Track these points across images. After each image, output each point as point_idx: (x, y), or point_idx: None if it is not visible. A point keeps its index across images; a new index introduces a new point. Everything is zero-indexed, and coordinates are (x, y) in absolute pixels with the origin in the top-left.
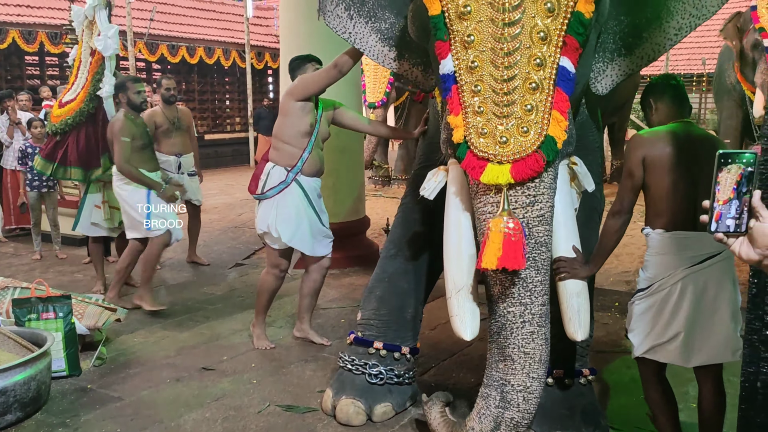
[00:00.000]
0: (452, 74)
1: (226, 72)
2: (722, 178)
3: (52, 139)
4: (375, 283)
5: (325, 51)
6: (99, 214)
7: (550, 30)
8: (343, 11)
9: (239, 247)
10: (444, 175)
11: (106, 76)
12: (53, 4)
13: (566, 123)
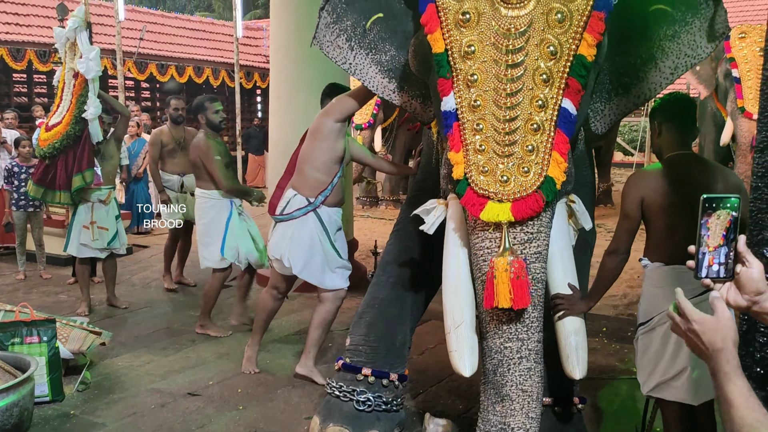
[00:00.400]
0: (454, 112)
1: (214, 91)
2: (712, 223)
3: (42, 163)
4: (365, 309)
5: (315, 73)
6: (87, 234)
7: (552, 72)
8: (344, 42)
9: None
10: (443, 209)
11: (90, 98)
12: (42, 23)
13: (566, 164)
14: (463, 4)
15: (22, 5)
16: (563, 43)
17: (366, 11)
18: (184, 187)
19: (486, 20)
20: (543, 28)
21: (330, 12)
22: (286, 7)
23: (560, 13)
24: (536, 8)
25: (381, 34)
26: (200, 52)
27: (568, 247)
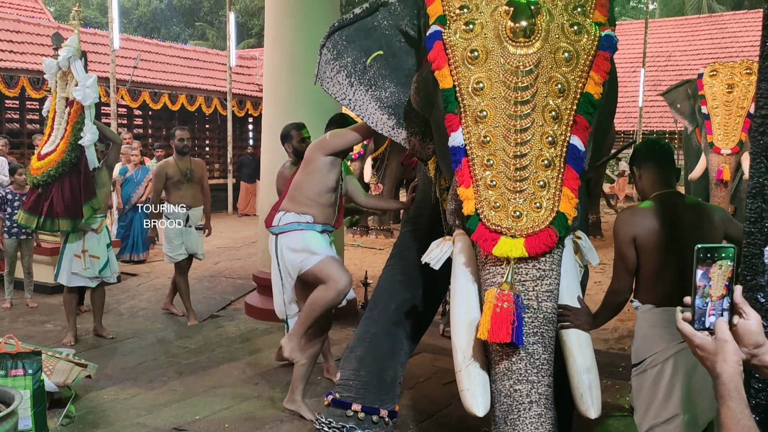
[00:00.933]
0: (463, 147)
1: (207, 119)
2: (713, 274)
3: (34, 191)
4: (356, 343)
5: (308, 103)
6: (78, 263)
7: (561, 109)
8: (344, 78)
9: (215, 298)
10: (450, 245)
11: (86, 125)
12: (36, 50)
13: (576, 200)
14: (471, 41)
15: (16, 33)
16: (571, 81)
17: (366, 48)
18: (189, 220)
19: (494, 58)
20: (551, 67)
21: (330, 49)
22: (280, 37)
23: (567, 52)
24: (544, 47)
25: (381, 71)
26: (193, 81)
27: (575, 282)
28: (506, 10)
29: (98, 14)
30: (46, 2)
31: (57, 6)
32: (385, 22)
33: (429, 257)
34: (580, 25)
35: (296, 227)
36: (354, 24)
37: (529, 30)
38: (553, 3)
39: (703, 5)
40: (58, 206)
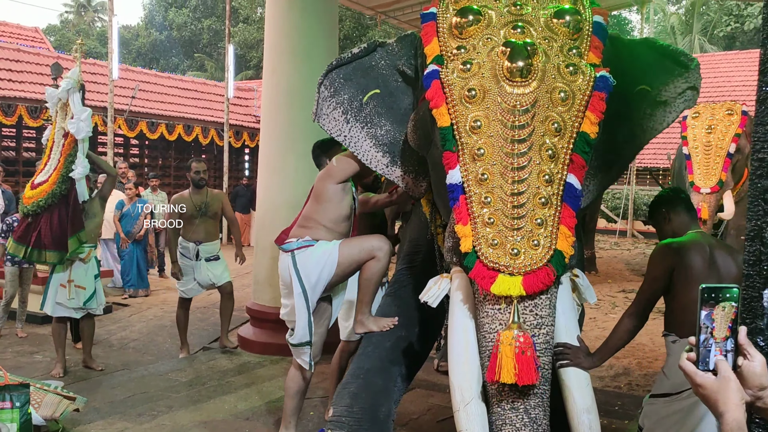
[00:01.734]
0: (460, 185)
1: (203, 149)
2: (717, 315)
3: (25, 220)
4: (350, 379)
5: (305, 136)
6: (63, 293)
7: (557, 148)
8: (341, 115)
9: (207, 329)
10: (447, 282)
11: (78, 158)
12: (35, 79)
13: (573, 238)
14: (469, 80)
15: (16, 62)
16: (567, 120)
17: (363, 87)
18: (200, 255)
19: (492, 97)
20: (547, 106)
21: (327, 86)
22: (279, 71)
23: (563, 92)
24: (540, 87)
25: (377, 109)
26: (191, 111)
27: (574, 321)
28: (503, 50)
29: (98, 45)
30: (46, 32)
31: (57, 36)
32: (382, 61)
33: (427, 296)
34: (575, 66)
35: (313, 243)
36: (352, 63)
37: (526, 70)
38: (549, 44)
39: (695, 45)
40: (46, 237)
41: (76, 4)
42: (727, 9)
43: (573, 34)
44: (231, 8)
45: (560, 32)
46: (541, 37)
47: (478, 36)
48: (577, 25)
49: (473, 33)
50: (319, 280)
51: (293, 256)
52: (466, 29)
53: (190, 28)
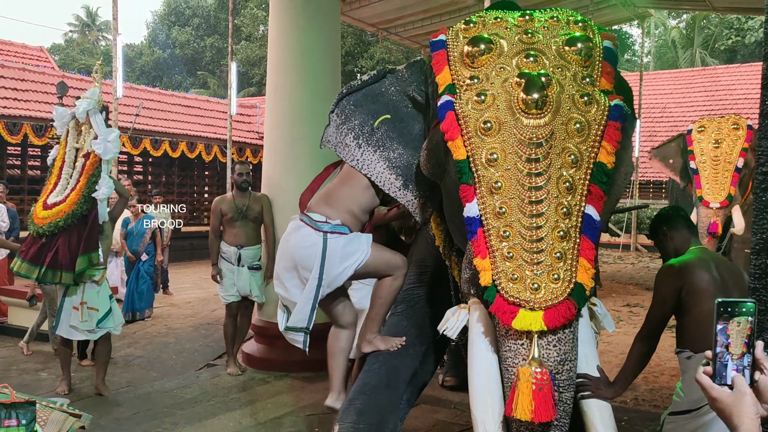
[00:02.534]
0: (478, 218)
1: (206, 166)
2: (732, 330)
3: (37, 241)
4: (356, 395)
5: (307, 152)
6: (76, 316)
7: (574, 180)
8: (352, 140)
9: (212, 346)
10: (466, 314)
11: (103, 178)
12: (40, 98)
13: (593, 270)
14: (484, 112)
15: (21, 81)
16: (583, 151)
17: (374, 112)
18: (242, 260)
19: (508, 129)
20: (563, 138)
21: (339, 114)
22: (281, 88)
23: (579, 123)
24: (556, 118)
25: (389, 134)
26: (194, 128)
27: (593, 351)
28: (518, 81)
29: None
30: (51, 51)
31: (62, 55)
32: (392, 88)
33: (445, 327)
34: (590, 96)
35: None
36: (362, 90)
37: (541, 102)
38: (562, 73)
39: (696, 59)
40: (63, 258)
41: (81, 23)
42: (728, 23)
43: (585, 61)
44: (234, 26)
45: (572, 60)
46: (554, 66)
47: (490, 65)
48: (589, 52)
49: (485, 62)
50: (340, 275)
51: (325, 239)
52: (478, 58)
53: (192, 46)
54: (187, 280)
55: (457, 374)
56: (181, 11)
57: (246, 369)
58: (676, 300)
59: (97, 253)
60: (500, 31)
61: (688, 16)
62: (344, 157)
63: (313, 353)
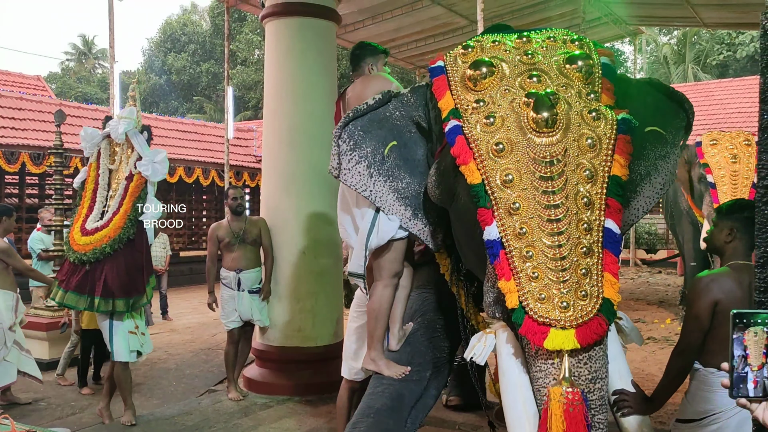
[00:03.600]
0: (499, 240)
1: (204, 190)
2: (749, 341)
3: (78, 268)
4: (359, 419)
5: (305, 174)
6: (136, 340)
7: (591, 195)
8: (365, 169)
9: (212, 371)
10: (492, 338)
11: (150, 200)
12: (38, 126)
13: (618, 285)
14: (494, 135)
15: (18, 110)
16: (597, 166)
17: (382, 139)
18: (242, 284)
19: (520, 149)
20: (576, 154)
21: (346, 140)
22: (279, 111)
23: (590, 138)
24: (567, 135)
25: (397, 162)
26: (191, 153)
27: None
28: (526, 101)
29: (99, 90)
30: (48, 79)
31: (59, 83)
32: (396, 112)
33: (472, 353)
34: (597, 111)
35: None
36: (367, 114)
37: (552, 120)
38: (567, 91)
39: (688, 74)
40: (114, 285)
41: (77, 52)
42: (719, 38)
43: (586, 78)
44: (229, 51)
45: (574, 78)
46: (558, 85)
47: (494, 88)
48: (590, 69)
49: (489, 85)
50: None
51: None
52: (480, 81)
53: (188, 71)
54: (187, 305)
55: (460, 393)
56: (177, 38)
57: (248, 394)
58: (712, 315)
59: (153, 277)
60: (500, 54)
61: (679, 32)
62: (354, 186)
63: (316, 376)
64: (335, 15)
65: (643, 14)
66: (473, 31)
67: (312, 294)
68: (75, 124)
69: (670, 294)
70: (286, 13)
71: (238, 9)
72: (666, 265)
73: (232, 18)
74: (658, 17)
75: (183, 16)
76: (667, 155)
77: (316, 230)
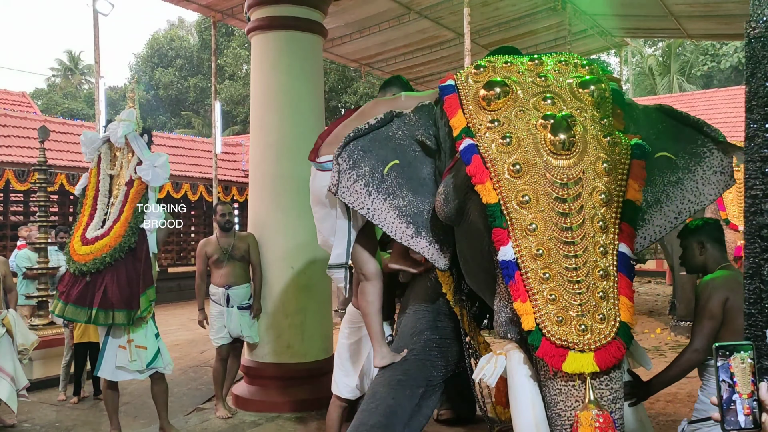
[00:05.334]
0: (514, 261)
1: (192, 205)
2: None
3: (79, 279)
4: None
5: (293, 188)
6: (124, 355)
7: (607, 219)
8: (362, 188)
9: (200, 389)
10: (503, 360)
11: (151, 207)
12: (21, 143)
13: (633, 308)
14: (511, 155)
15: (3, 127)
16: (612, 190)
17: (382, 158)
18: (231, 300)
19: (538, 171)
20: (593, 177)
21: (346, 159)
22: (266, 126)
23: (606, 162)
24: (584, 158)
25: (398, 180)
26: (179, 168)
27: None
28: (543, 123)
29: (85, 106)
30: (34, 96)
31: (44, 99)
32: (399, 132)
33: (482, 373)
34: (612, 136)
35: None
36: (369, 134)
37: (569, 142)
38: (581, 115)
39: (674, 85)
40: (114, 296)
41: (63, 67)
42: (703, 49)
43: (598, 102)
44: (217, 66)
45: (587, 102)
46: (572, 108)
47: (509, 108)
48: (602, 94)
49: (503, 105)
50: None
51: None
52: (494, 101)
53: (176, 86)
54: (175, 322)
55: (451, 407)
56: (164, 53)
57: (236, 411)
58: (723, 311)
59: (153, 288)
60: (513, 75)
61: (664, 43)
62: (352, 204)
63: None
64: (321, 29)
65: (629, 26)
66: (460, 44)
67: (301, 309)
68: (60, 140)
69: (660, 304)
70: (271, 27)
71: (225, 24)
72: (655, 274)
73: (220, 33)
74: (643, 29)
75: (170, 31)
76: (680, 181)
77: (305, 245)
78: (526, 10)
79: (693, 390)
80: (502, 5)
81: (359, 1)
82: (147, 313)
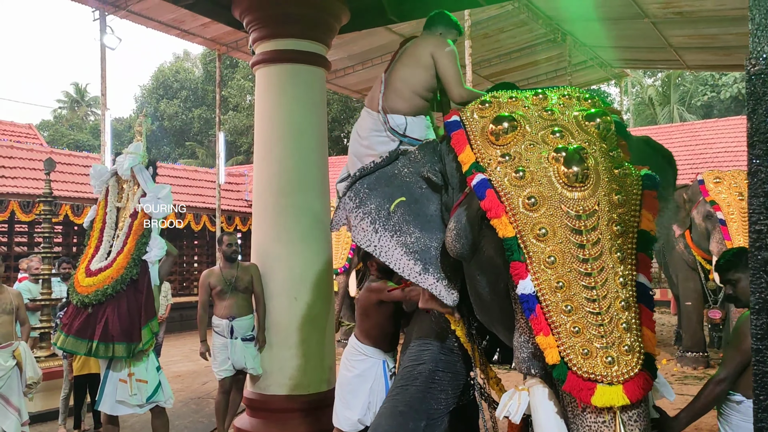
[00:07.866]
0: (534, 294)
1: (195, 235)
2: None
3: (81, 311)
4: None
5: (296, 218)
6: (124, 389)
7: (624, 250)
8: (369, 225)
9: (202, 421)
10: (526, 396)
11: (153, 238)
12: (27, 174)
13: (656, 340)
14: (525, 189)
15: (9, 158)
16: (627, 221)
17: (388, 195)
18: (234, 332)
19: (553, 203)
20: (608, 209)
21: (352, 197)
22: (269, 157)
23: (619, 194)
24: (598, 190)
25: (405, 217)
26: (183, 198)
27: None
28: (555, 156)
29: (91, 138)
30: (40, 127)
31: (51, 131)
32: (405, 169)
33: (506, 410)
34: (622, 167)
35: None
36: (374, 172)
37: (583, 175)
38: (590, 147)
39: (674, 115)
40: (114, 329)
41: (70, 99)
42: (702, 79)
43: (604, 135)
44: (221, 97)
45: (594, 134)
46: (580, 141)
47: (519, 143)
48: (607, 126)
49: (512, 140)
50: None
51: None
52: (503, 136)
53: (180, 117)
54: (177, 353)
55: None
56: (169, 84)
57: None
58: None
59: (156, 320)
60: (519, 110)
61: (663, 74)
62: (360, 243)
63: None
64: (325, 61)
65: (628, 57)
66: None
67: (304, 341)
68: (66, 172)
69: (665, 334)
70: (276, 60)
71: (229, 56)
72: (659, 303)
73: (224, 65)
74: (642, 60)
75: (176, 63)
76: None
77: (308, 276)
78: (527, 42)
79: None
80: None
81: (361, 34)
82: (149, 345)
